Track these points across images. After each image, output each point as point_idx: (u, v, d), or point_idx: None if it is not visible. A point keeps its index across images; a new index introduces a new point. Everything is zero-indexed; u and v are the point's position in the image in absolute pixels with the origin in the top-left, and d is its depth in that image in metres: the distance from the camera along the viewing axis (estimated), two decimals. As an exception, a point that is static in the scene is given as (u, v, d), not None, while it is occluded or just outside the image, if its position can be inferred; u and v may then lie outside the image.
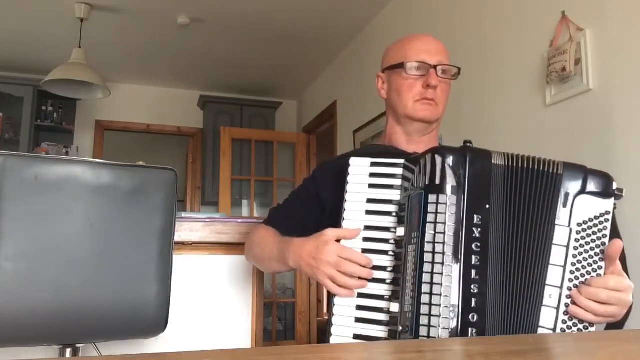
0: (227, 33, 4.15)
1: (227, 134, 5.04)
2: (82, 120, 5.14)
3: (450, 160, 0.94)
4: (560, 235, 0.94)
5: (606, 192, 0.96)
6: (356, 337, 0.99)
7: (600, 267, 0.94)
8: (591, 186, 0.96)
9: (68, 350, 1.26)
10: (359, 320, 0.99)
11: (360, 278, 1.00)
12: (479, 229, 0.92)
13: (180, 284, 1.59)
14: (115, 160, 1.29)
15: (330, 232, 1.03)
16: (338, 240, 1.03)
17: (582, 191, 0.95)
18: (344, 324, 1.00)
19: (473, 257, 0.91)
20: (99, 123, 5.22)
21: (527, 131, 2.22)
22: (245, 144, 5.14)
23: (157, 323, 1.28)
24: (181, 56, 4.64)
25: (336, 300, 1.01)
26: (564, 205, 0.95)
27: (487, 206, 0.93)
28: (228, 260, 1.70)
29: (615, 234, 0.99)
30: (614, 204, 0.96)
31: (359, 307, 1.00)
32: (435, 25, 3.01)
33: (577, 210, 0.95)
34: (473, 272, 0.90)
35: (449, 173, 0.94)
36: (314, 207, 1.28)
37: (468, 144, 0.98)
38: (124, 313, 1.23)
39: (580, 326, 0.93)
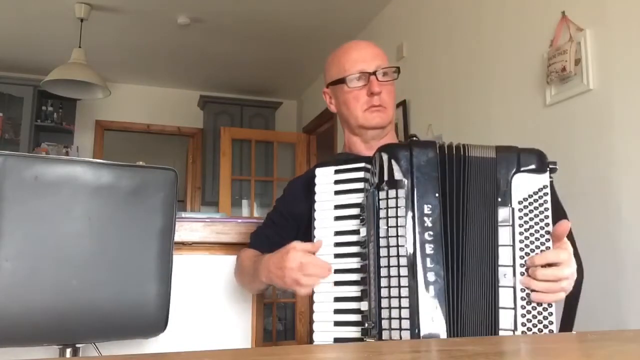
0: (227, 33, 4.15)
1: (227, 134, 5.04)
2: (82, 120, 5.13)
3: (395, 155, 0.98)
4: (503, 215, 0.96)
5: (541, 167, 0.98)
6: (336, 340, 1.01)
7: (548, 240, 0.95)
8: (525, 164, 0.98)
9: (68, 350, 1.26)
10: (337, 323, 1.02)
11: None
12: (430, 218, 0.95)
13: (180, 284, 1.59)
14: (115, 160, 1.29)
15: (295, 244, 1.07)
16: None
17: (518, 170, 0.98)
18: (324, 329, 1.02)
19: (427, 246, 0.94)
20: (99, 123, 5.22)
21: (527, 131, 2.22)
22: (245, 144, 5.14)
23: (157, 323, 1.28)
24: (181, 56, 4.64)
25: (315, 306, 1.04)
26: (503, 186, 0.97)
27: (437, 195, 0.96)
28: (228, 260, 1.70)
29: (559, 210, 1.01)
30: (551, 178, 0.99)
31: (337, 311, 1.03)
32: (434, 25, 3.01)
33: (516, 189, 0.97)
34: (428, 260, 0.93)
35: (396, 168, 0.97)
36: (287, 227, 1.32)
37: (414, 138, 1.03)
38: (124, 313, 1.23)
39: (539, 308, 0.94)
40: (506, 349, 0.64)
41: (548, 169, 0.99)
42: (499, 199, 0.97)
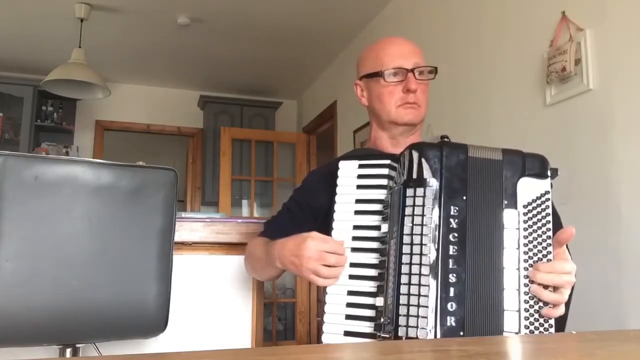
0: (227, 33, 4.15)
1: (227, 134, 5.04)
2: (82, 120, 5.14)
3: (426, 154, 0.98)
4: (510, 218, 0.97)
5: (543, 173, 0.99)
6: (347, 334, 1.01)
7: (549, 245, 0.96)
8: (530, 168, 0.99)
9: (68, 350, 1.26)
10: (349, 317, 1.02)
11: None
12: (456, 220, 0.95)
13: (180, 284, 1.59)
14: (115, 160, 1.29)
15: (313, 233, 1.06)
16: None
17: (523, 174, 0.99)
18: (335, 321, 1.02)
19: (451, 247, 0.94)
20: (99, 123, 5.22)
21: (527, 131, 2.22)
22: (245, 144, 5.14)
23: (157, 323, 1.28)
24: (181, 56, 4.64)
25: (328, 298, 1.04)
26: (510, 189, 0.98)
27: (464, 197, 0.96)
28: (228, 260, 1.70)
29: (555, 216, 1.02)
30: (551, 184, 1.00)
31: (350, 305, 1.02)
32: (434, 26, 3.01)
33: (521, 192, 0.98)
34: (451, 261, 0.93)
35: (426, 167, 0.97)
36: (303, 216, 1.31)
37: (445, 139, 1.02)
38: (124, 313, 1.23)
39: (542, 308, 0.95)
40: (507, 348, 0.64)
41: (550, 174, 0.99)
42: (505, 202, 0.97)
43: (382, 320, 0.96)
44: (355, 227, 1.06)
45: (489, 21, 2.53)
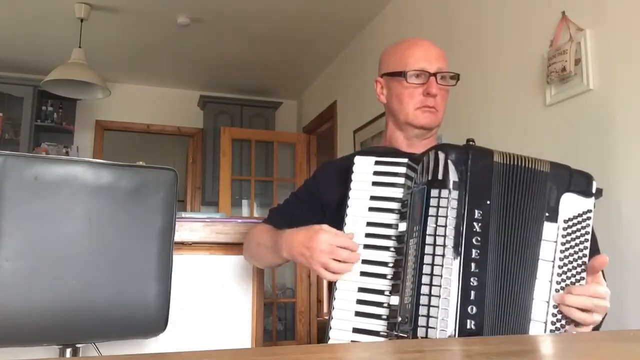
0: (227, 33, 4.15)
1: (227, 134, 5.04)
2: (82, 120, 5.13)
3: (452, 156, 0.96)
4: (549, 230, 0.97)
5: (588, 191, 0.99)
6: (355, 330, 1.00)
7: (584, 263, 0.96)
8: (575, 184, 0.99)
9: (68, 350, 1.26)
10: (358, 314, 1.01)
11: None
12: (480, 224, 0.94)
13: (180, 284, 1.59)
14: (115, 160, 1.29)
15: (325, 225, 1.05)
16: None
17: (567, 189, 0.99)
18: (344, 317, 1.01)
19: (473, 250, 0.93)
20: (99, 123, 5.22)
21: (527, 131, 2.22)
22: (245, 144, 5.14)
23: (157, 323, 1.28)
24: (181, 56, 4.64)
25: (337, 294, 1.03)
26: (552, 202, 0.98)
27: (488, 202, 0.95)
28: (228, 260, 1.70)
29: (593, 237, 1.02)
30: (594, 204, 1.00)
31: (360, 302, 1.01)
32: (434, 25, 3.01)
33: (564, 207, 0.98)
34: (473, 265, 0.92)
35: (452, 169, 0.96)
36: (313, 206, 1.30)
37: (471, 142, 1.00)
38: (124, 313, 1.23)
39: (569, 323, 0.95)
40: (507, 349, 0.64)
41: (595, 194, 0.99)
42: (547, 214, 0.97)
43: (398, 319, 0.95)
44: (369, 224, 1.05)
45: (489, 21, 2.53)
